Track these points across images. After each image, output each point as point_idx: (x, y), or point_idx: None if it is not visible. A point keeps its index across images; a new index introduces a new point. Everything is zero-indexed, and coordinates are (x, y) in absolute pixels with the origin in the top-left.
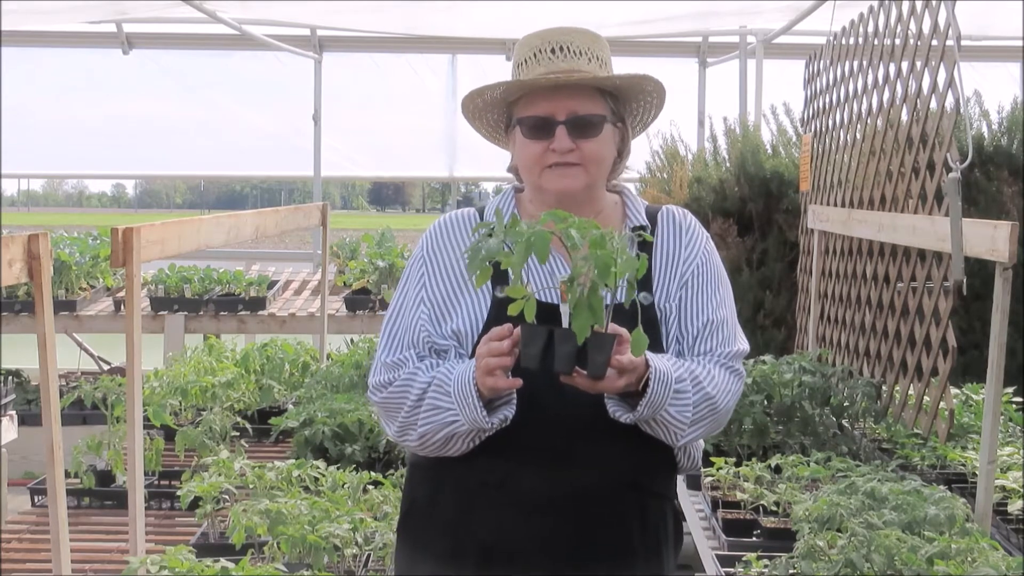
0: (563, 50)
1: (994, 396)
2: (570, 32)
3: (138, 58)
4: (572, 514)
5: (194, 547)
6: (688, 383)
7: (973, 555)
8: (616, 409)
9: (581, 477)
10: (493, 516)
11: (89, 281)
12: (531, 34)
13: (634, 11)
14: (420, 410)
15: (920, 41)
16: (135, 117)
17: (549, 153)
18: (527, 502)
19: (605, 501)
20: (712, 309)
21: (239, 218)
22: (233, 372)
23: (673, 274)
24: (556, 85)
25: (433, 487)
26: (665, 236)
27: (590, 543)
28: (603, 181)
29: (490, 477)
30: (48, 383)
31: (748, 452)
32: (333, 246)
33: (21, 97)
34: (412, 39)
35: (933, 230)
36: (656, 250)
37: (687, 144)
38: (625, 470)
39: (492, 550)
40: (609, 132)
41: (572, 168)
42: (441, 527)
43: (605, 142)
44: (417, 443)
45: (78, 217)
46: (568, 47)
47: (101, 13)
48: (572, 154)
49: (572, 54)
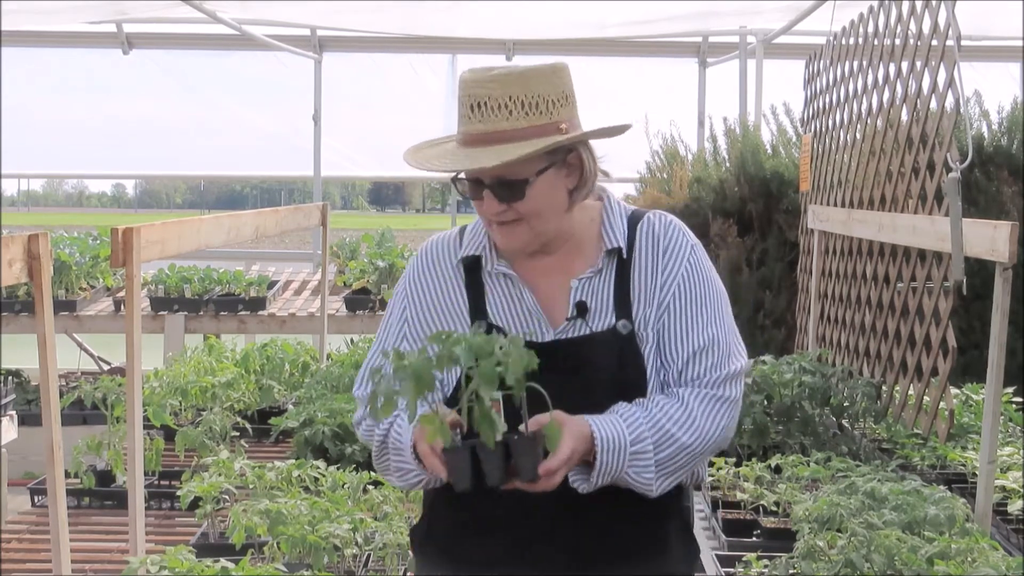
0: (480, 108)
1: (994, 396)
2: (491, 82)
3: (138, 58)
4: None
5: (194, 547)
6: (649, 442)
7: (973, 555)
8: (575, 479)
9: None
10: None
11: (89, 281)
12: (463, 77)
13: (634, 11)
14: (388, 464)
15: (920, 41)
16: (135, 117)
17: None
18: (544, 508)
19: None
20: (699, 331)
21: (239, 218)
22: (233, 372)
23: (651, 297)
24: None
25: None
26: (643, 254)
27: (613, 542)
28: (559, 218)
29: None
30: (48, 383)
31: (748, 452)
32: (333, 246)
33: (21, 97)
34: (412, 39)
35: (933, 230)
36: (634, 271)
37: (687, 144)
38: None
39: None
40: (548, 180)
41: (513, 226)
42: (469, 533)
43: (540, 196)
44: (402, 485)
45: (78, 217)
46: (485, 103)
47: (101, 13)
48: (507, 213)
49: (490, 110)
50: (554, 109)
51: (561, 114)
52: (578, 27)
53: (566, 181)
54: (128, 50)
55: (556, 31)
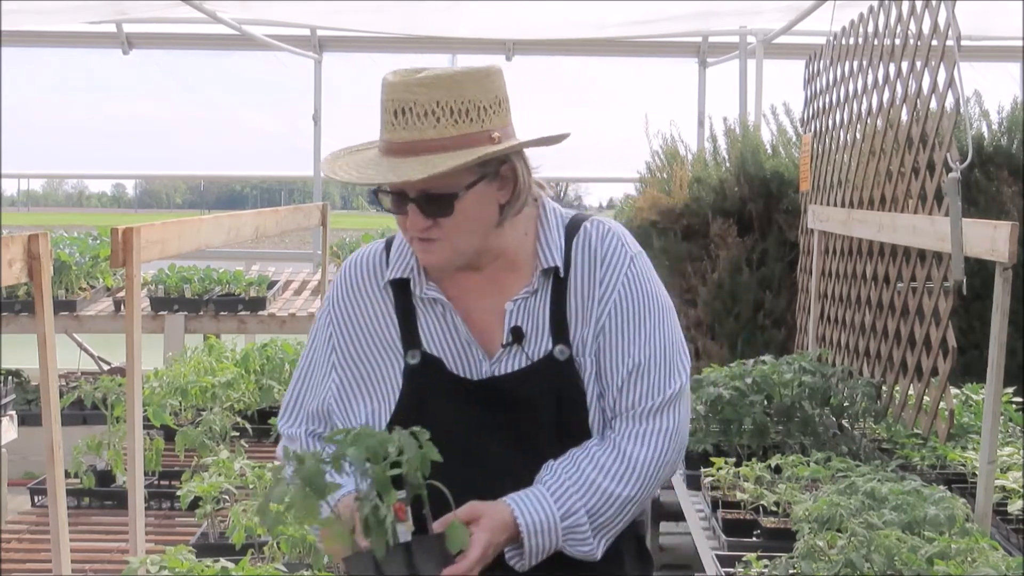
0: (405, 114)
1: (994, 396)
2: (417, 86)
3: (138, 58)
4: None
5: (194, 547)
6: (583, 512)
7: (973, 555)
8: (511, 555)
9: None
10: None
11: (89, 281)
12: (386, 79)
13: (634, 11)
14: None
15: (920, 41)
16: (135, 117)
17: (405, 228)
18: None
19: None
20: (635, 351)
21: (239, 218)
22: (233, 372)
23: (588, 317)
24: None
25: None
26: (579, 270)
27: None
28: (487, 235)
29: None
30: (48, 383)
31: (748, 452)
32: (333, 246)
33: (21, 97)
34: (412, 39)
35: (933, 230)
36: (570, 289)
37: (687, 144)
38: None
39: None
40: (478, 194)
41: (433, 244)
42: None
43: (467, 212)
44: None
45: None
46: (411, 109)
47: (101, 13)
48: (431, 230)
49: (415, 117)
50: (486, 116)
51: (494, 122)
52: (578, 27)
53: (498, 195)
54: (128, 50)
55: (556, 31)
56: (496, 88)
